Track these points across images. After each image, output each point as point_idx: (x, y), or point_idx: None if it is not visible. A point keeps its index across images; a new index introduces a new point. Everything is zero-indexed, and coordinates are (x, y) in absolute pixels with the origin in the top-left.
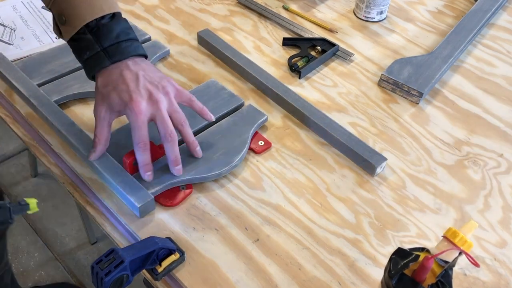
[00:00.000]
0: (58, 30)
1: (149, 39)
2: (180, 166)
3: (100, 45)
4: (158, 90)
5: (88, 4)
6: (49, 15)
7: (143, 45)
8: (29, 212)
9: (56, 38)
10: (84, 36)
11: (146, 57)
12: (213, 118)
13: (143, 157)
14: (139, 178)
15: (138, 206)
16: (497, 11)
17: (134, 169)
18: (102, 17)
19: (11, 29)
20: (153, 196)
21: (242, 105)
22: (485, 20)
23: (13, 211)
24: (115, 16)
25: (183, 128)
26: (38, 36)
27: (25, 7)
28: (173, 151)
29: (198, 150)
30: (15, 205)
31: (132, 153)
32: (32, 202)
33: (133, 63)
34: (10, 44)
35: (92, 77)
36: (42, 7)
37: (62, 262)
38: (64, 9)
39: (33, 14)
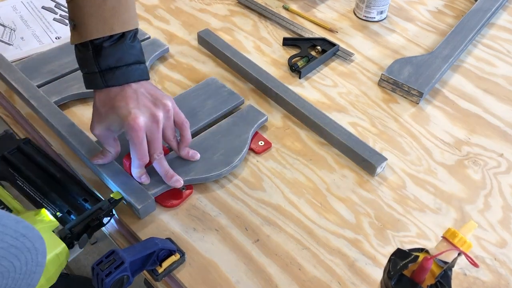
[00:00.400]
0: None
1: (148, 38)
2: (175, 178)
3: (98, 66)
4: (158, 107)
5: (99, 20)
6: (49, 15)
7: (142, 43)
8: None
9: (56, 38)
10: (86, 50)
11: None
12: (197, 158)
13: (139, 171)
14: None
15: (139, 207)
16: (497, 11)
17: None
18: (110, 36)
19: (11, 29)
20: (153, 197)
21: (242, 102)
22: (485, 20)
23: (111, 207)
24: (125, 36)
25: (173, 144)
26: (38, 36)
27: (25, 7)
28: (162, 166)
29: (192, 156)
30: (111, 203)
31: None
32: (118, 195)
33: (134, 83)
34: (10, 44)
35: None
36: (43, 7)
37: None
38: (75, 15)
39: (33, 14)
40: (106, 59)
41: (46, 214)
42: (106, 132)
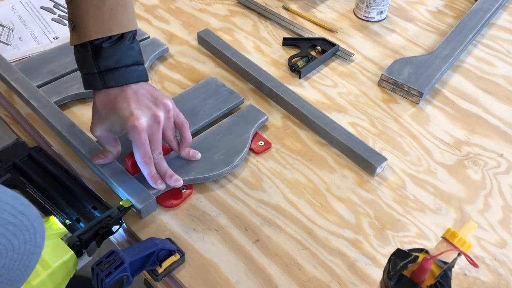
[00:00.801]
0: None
1: (147, 38)
2: (175, 177)
3: (97, 66)
4: (159, 107)
5: (98, 20)
6: (47, 15)
7: (141, 43)
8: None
9: (54, 38)
10: (85, 51)
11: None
12: (198, 157)
13: (149, 169)
14: (141, 179)
15: (140, 207)
16: (497, 11)
17: (135, 170)
18: (110, 37)
19: (9, 29)
20: (154, 197)
21: (242, 102)
22: (485, 20)
23: (121, 215)
24: (124, 37)
25: (173, 144)
26: (36, 36)
27: (23, 7)
28: (161, 166)
29: (193, 156)
30: (120, 210)
31: (133, 154)
32: (128, 203)
33: (134, 84)
34: (8, 44)
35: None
36: (41, 7)
37: None
38: (74, 16)
39: (32, 14)
40: (106, 60)
41: (54, 221)
42: (107, 133)
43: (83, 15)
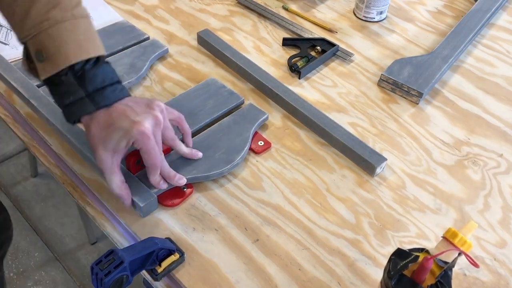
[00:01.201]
0: (29, 66)
1: (147, 39)
2: (178, 176)
3: (85, 90)
4: (154, 109)
5: (76, 44)
6: None
7: (141, 44)
8: None
9: None
10: (65, 78)
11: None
12: (199, 156)
13: (155, 177)
14: (142, 178)
15: (141, 205)
16: (497, 11)
17: (136, 168)
18: (88, 60)
19: (8, 28)
20: (155, 195)
21: (242, 102)
22: (485, 20)
23: None
24: (99, 60)
25: (175, 143)
26: None
27: None
28: (164, 167)
29: (195, 155)
30: None
31: (134, 153)
32: None
33: (122, 100)
34: (6, 44)
35: (73, 121)
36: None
37: (62, 262)
38: (46, 46)
39: None
40: (92, 81)
41: None
42: (112, 158)
43: (58, 42)
